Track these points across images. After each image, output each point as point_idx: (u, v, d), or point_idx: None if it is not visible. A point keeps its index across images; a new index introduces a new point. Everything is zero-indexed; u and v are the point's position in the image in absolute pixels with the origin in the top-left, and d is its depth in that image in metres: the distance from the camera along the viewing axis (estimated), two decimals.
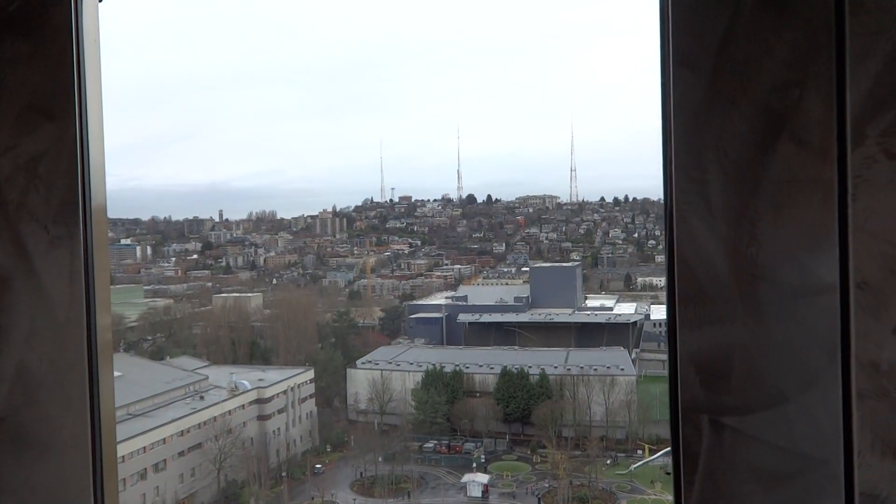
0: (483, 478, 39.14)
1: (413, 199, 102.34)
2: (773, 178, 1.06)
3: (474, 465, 42.42)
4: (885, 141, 1.01)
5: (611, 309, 64.43)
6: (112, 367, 1.51)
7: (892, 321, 1.02)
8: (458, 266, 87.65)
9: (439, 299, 70.85)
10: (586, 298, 71.55)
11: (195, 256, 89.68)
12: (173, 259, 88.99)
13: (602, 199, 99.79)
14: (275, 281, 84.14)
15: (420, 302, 71.04)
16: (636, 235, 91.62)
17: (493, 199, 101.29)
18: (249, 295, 70.56)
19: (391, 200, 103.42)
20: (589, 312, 63.05)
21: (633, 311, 62.09)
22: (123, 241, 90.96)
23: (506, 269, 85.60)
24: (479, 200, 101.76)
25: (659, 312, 59.69)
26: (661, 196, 1.19)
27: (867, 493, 1.02)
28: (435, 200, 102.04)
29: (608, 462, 41.41)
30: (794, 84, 1.05)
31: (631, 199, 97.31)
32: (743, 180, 1.07)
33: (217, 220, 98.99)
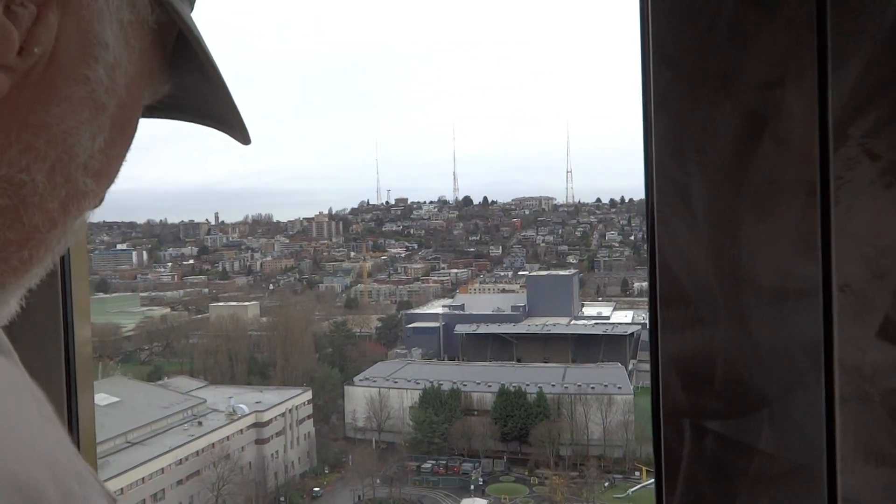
0: (481, 503, 39.29)
1: (409, 202, 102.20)
2: (754, 179, 1.05)
3: (472, 487, 42.52)
4: (867, 142, 1.00)
5: (608, 318, 64.48)
6: (91, 374, 1.47)
7: (876, 325, 1.01)
8: (455, 270, 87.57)
9: (436, 307, 70.87)
10: (583, 306, 71.62)
11: (191, 261, 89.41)
12: (169, 264, 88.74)
13: (598, 200, 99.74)
14: (271, 286, 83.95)
15: (417, 311, 71.07)
16: (632, 238, 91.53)
17: (490, 200, 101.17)
18: (246, 304, 70.44)
19: (387, 202, 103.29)
20: (586, 322, 63.08)
21: (630, 321, 62.17)
22: (119, 246, 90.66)
23: (502, 273, 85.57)
24: (476, 202, 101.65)
25: None
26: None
27: (850, 499, 1.02)
28: (431, 202, 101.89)
29: (606, 485, 41.55)
30: (776, 84, 1.04)
31: (627, 200, 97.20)
32: (725, 182, 1.06)
33: (213, 222, 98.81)
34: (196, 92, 0.63)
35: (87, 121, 0.51)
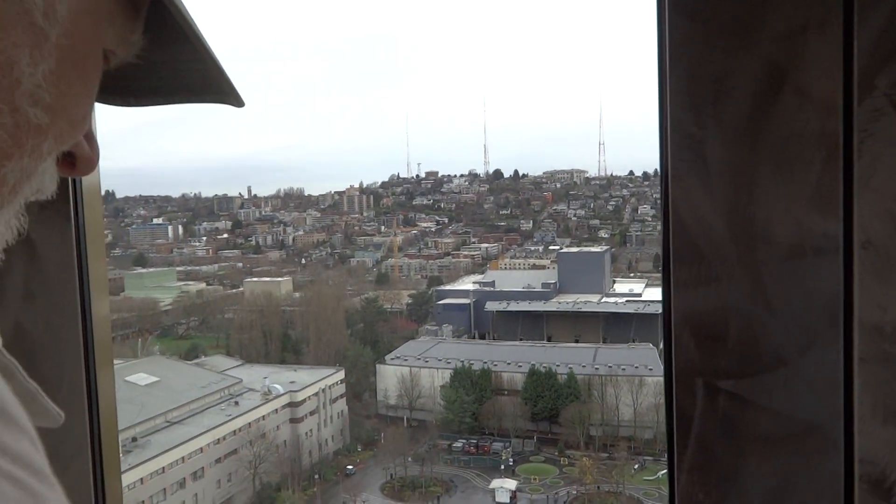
0: (511, 484, 39.82)
1: (439, 175, 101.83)
2: (773, 133, 1.02)
3: (502, 467, 43.06)
4: (894, 93, 0.96)
5: (639, 295, 64.03)
6: (111, 351, 1.49)
7: None
8: (486, 245, 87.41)
9: (467, 284, 71.06)
10: (615, 282, 71.19)
11: (225, 235, 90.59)
12: (204, 238, 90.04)
13: (631, 172, 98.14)
14: (304, 261, 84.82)
15: (447, 287, 71.37)
16: None
17: (521, 174, 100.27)
18: (279, 280, 71.43)
19: (417, 176, 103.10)
20: (617, 300, 62.75)
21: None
22: (155, 221, 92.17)
23: (532, 248, 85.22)
24: (506, 175, 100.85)
25: None
26: None
27: (867, 460, 1.00)
28: (462, 176, 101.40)
29: (636, 466, 41.75)
30: (798, 33, 0.99)
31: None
32: (742, 136, 1.03)
33: (246, 196, 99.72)
34: (196, 69, 0.64)
35: (25, 45, 0.50)
